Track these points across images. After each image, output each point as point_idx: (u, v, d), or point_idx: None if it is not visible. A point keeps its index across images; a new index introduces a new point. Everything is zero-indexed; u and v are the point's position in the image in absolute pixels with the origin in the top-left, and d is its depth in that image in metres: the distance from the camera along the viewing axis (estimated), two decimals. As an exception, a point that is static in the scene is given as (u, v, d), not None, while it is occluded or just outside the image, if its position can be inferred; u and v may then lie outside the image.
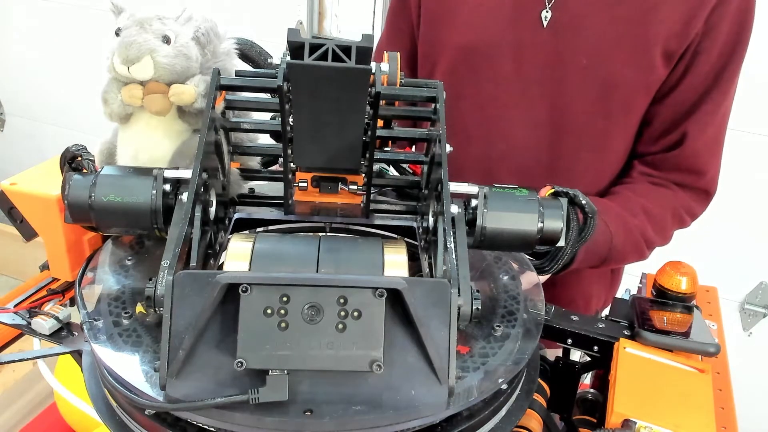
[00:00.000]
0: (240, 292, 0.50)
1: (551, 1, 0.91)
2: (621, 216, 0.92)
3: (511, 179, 0.72)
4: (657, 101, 0.95)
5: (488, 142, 0.99)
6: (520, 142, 0.98)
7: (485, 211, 0.65)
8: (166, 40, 0.69)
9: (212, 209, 0.66)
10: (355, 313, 0.51)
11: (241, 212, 0.78)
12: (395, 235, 0.78)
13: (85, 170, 0.70)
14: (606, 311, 0.76)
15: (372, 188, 0.73)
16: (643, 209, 0.95)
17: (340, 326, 0.51)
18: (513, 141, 0.98)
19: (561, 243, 0.68)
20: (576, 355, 0.76)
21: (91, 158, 0.71)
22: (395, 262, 0.62)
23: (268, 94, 0.72)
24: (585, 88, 0.93)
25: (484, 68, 0.96)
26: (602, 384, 0.70)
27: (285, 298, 0.50)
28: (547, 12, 0.91)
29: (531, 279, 0.73)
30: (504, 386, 0.60)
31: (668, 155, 0.97)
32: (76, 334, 0.71)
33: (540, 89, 0.95)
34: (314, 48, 0.58)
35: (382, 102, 0.69)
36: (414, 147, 0.91)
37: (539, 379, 0.70)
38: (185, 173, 0.65)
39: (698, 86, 0.93)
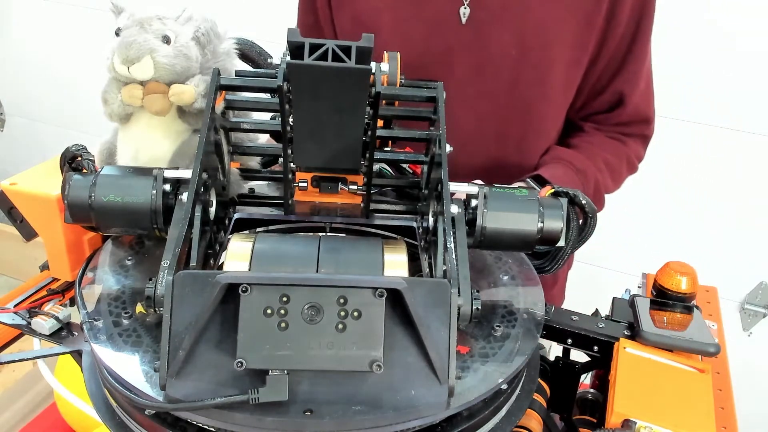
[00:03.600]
0: (240, 292, 0.50)
1: None
2: (589, 169, 0.97)
3: (466, 177, 0.72)
4: (588, 67, 0.99)
5: None
6: (466, 141, 0.98)
7: (485, 211, 0.65)
8: (166, 40, 0.69)
9: (212, 209, 0.66)
10: (355, 313, 0.51)
11: (241, 212, 0.78)
12: (395, 235, 0.78)
13: (85, 170, 0.70)
14: (606, 311, 0.76)
15: (372, 188, 0.73)
16: (605, 161, 1.00)
17: (340, 326, 0.51)
18: (459, 140, 0.97)
19: (561, 243, 0.68)
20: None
21: (91, 158, 0.71)
22: (395, 262, 0.62)
23: (268, 94, 0.72)
24: (520, 76, 0.95)
25: (417, 78, 0.96)
26: (602, 384, 0.70)
27: (285, 298, 0.50)
28: (465, 8, 0.92)
29: (531, 279, 0.73)
30: (504, 386, 0.60)
31: (612, 114, 1.02)
32: (76, 334, 0.71)
33: (476, 87, 0.96)
34: (314, 48, 0.58)
35: (382, 102, 0.69)
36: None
37: (539, 379, 0.69)
38: (185, 173, 0.65)
39: (620, 47, 0.97)
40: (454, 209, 0.62)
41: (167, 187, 0.64)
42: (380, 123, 0.73)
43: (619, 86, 0.99)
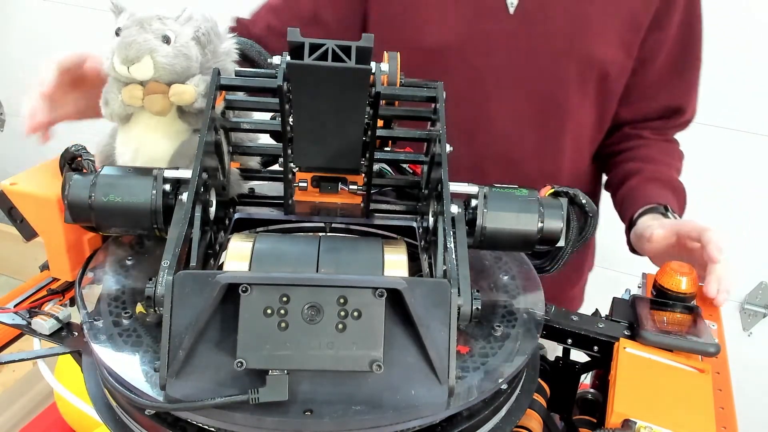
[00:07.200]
0: (240, 292, 0.50)
1: None
2: (676, 181, 0.98)
3: (499, 171, 0.72)
4: (637, 73, 0.98)
5: (470, 139, 0.99)
6: (503, 133, 0.98)
7: (485, 211, 0.65)
8: (166, 40, 0.69)
9: (212, 209, 0.66)
10: (355, 313, 0.51)
11: (241, 212, 0.78)
12: (395, 235, 0.78)
13: (85, 170, 0.70)
14: (606, 311, 0.76)
15: (372, 188, 0.73)
16: (677, 169, 1.01)
17: (340, 326, 0.51)
18: (495, 133, 0.98)
19: (561, 243, 0.68)
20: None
21: (91, 158, 0.71)
22: (395, 262, 0.62)
23: (268, 94, 0.72)
24: (561, 71, 0.94)
25: (456, 66, 0.95)
26: (602, 384, 0.70)
27: (285, 298, 0.50)
28: None
29: (531, 279, 0.73)
30: (504, 386, 0.60)
31: (670, 121, 1.03)
32: (76, 334, 0.71)
33: (516, 78, 0.95)
34: (314, 48, 0.58)
35: (382, 102, 0.69)
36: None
37: (539, 379, 0.69)
38: (185, 173, 0.65)
39: (673, 55, 0.97)
40: (454, 209, 0.62)
41: (167, 187, 0.64)
42: (380, 123, 0.73)
43: (677, 94, 1.00)
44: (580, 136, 1.02)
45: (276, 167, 0.85)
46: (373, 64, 0.64)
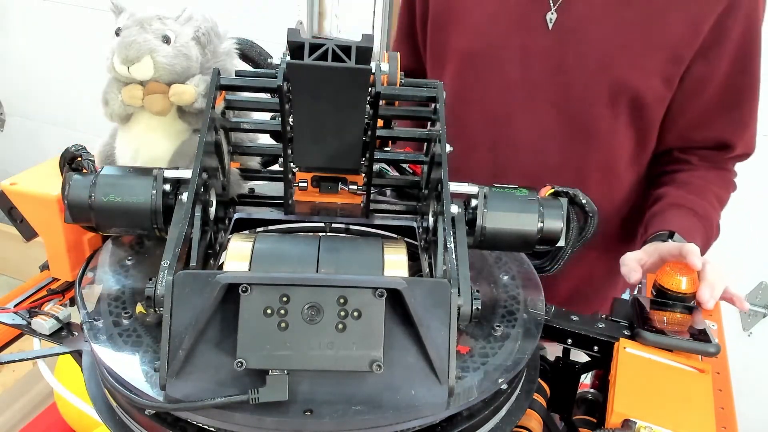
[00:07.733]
0: (240, 292, 0.50)
1: (556, 3, 0.91)
2: (707, 211, 0.96)
3: (518, 183, 0.71)
4: (682, 103, 0.96)
5: (495, 148, 0.99)
6: (528, 147, 0.98)
7: (485, 211, 0.65)
8: (166, 40, 0.69)
9: (212, 209, 0.66)
10: (355, 313, 0.51)
11: (241, 212, 0.78)
12: (395, 235, 0.78)
13: (85, 170, 0.70)
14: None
15: (372, 188, 0.73)
16: (717, 197, 0.99)
17: (340, 326, 0.51)
18: (520, 145, 0.98)
19: (561, 243, 0.68)
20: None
21: (91, 158, 0.71)
22: (395, 262, 0.62)
23: (268, 94, 0.72)
24: (593, 91, 0.93)
25: (489, 73, 0.96)
26: (602, 384, 0.70)
27: (285, 298, 0.50)
28: (552, 14, 0.91)
29: (531, 279, 0.73)
30: (504, 386, 0.60)
31: (718, 154, 1.01)
32: (76, 334, 0.71)
33: (546, 94, 0.95)
34: (314, 48, 0.58)
35: (382, 102, 0.69)
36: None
37: (539, 379, 0.69)
38: (185, 173, 0.65)
39: (722, 90, 0.95)
40: (454, 209, 0.62)
41: (167, 187, 0.64)
42: (380, 123, 0.73)
43: (725, 130, 0.98)
44: (611, 160, 1.00)
45: (276, 167, 0.85)
46: (373, 64, 0.63)
